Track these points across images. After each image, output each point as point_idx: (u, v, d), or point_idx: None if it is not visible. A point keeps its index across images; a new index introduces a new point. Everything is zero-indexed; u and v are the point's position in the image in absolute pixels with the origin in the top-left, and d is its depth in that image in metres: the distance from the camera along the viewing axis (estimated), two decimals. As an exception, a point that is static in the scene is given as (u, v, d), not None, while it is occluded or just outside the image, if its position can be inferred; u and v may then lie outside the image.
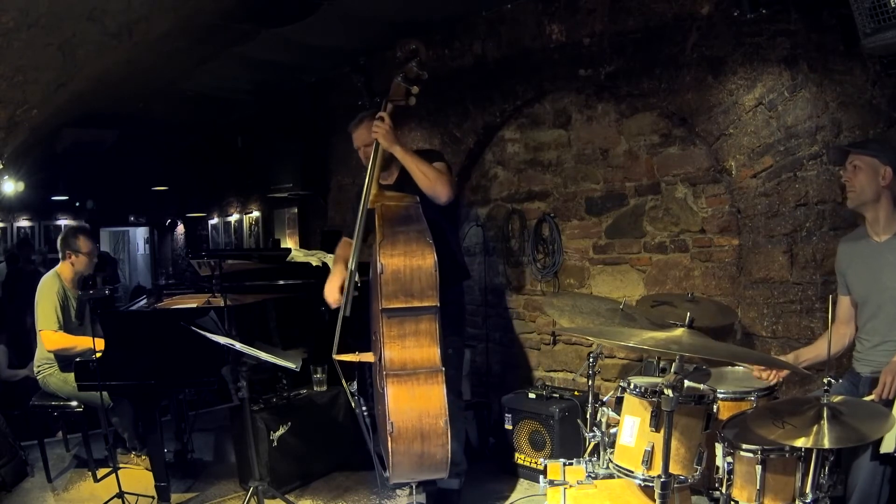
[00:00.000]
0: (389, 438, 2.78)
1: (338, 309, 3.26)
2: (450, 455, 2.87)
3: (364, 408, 3.12)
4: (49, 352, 3.92)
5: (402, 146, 3.25)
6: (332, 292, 3.29)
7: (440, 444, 2.85)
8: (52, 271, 4.08)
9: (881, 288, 2.63)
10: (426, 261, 2.91)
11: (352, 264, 3.20)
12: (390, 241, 2.92)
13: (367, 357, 3.09)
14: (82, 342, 3.87)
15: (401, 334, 2.92)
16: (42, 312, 3.91)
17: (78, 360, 3.68)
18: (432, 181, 3.22)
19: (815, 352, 2.82)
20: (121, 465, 3.99)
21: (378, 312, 2.93)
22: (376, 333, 3.00)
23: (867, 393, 2.56)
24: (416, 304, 2.92)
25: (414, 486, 3.26)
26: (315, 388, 4.21)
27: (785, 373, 2.84)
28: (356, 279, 3.21)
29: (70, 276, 4.08)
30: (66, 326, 3.95)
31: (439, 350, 2.92)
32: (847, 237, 2.89)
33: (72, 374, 3.69)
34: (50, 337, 3.87)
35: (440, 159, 3.42)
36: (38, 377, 4.01)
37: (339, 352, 3.14)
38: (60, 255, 4.12)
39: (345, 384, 3.19)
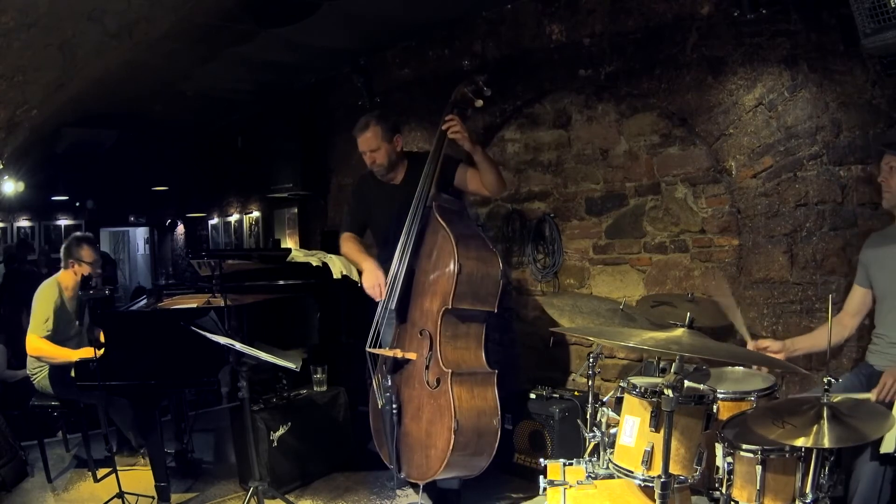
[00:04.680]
0: (452, 436, 2.83)
1: (336, 307, 3.27)
2: (494, 454, 2.93)
3: (395, 405, 3.12)
4: (29, 356, 3.92)
5: (479, 144, 3.37)
6: (374, 287, 3.29)
7: (491, 442, 2.95)
8: (52, 278, 4.06)
9: None
10: (494, 268, 3.05)
11: (402, 257, 3.20)
12: (464, 243, 3.01)
13: (410, 354, 3.10)
14: (60, 354, 3.87)
15: (454, 334, 3.01)
16: (34, 317, 3.91)
17: (78, 359, 3.69)
18: (501, 178, 3.38)
19: (812, 342, 2.85)
20: (120, 467, 3.99)
21: (433, 310, 2.96)
22: (424, 331, 3.03)
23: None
24: (479, 307, 3.04)
25: (421, 486, 3.27)
26: (315, 388, 4.21)
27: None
28: (354, 275, 3.25)
29: (71, 284, 4.05)
30: (58, 335, 3.94)
31: (484, 353, 3.00)
32: (879, 231, 2.91)
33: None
34: (33, 342, 3.87)
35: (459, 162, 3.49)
36: (32, 379, 4.01)
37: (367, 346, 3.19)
38: (63, 264, 4.09)
39: (377, 379, 3.21)
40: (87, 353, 3.67)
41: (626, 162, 4.19)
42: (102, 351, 3.39)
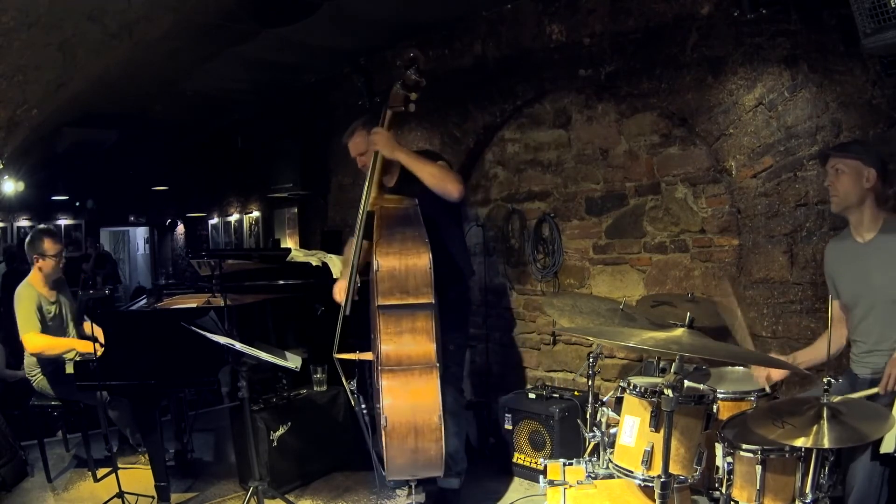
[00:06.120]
0: (384, 433, 2.80)
1: (336, 307, 3.27)
2: (444, 452, 2.88)
3: (364, 406, 3.14)
4: (32, 355, 3.90)
5: (404, 151, 3.29)
6: (340, 292, 3.32)
7: (434, 439, 2.86)
8: (24, 281, 3.98)
9: (870, 288, 2.60)
10: (421, 259, 2.95)
11: (352, 264, 3.22)
12: (387, 240, 2.97)
13: (367, 356, 3.10)
14: (64, 344, 3.85)
15: (398, 331, 2.95)
16: (21, 318, 3.86)
17: (78, 359, 3.69)
18: (441, 179, 3.26)
19: (813, 354, 2.80)
20: (121, 466, 3.99)
21: (374, 311, 2.95)
22: (374, 331, 3.02)
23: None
24: (412, 300, 2.96)
25: (413, 486, 3.27)
26: (315, 388, 4.21)
27: (781, 374, 2.82)
28: (357, 280, 3.23)
29: (41, 282, 3.98)
30: (45, 331, 3.91)
31: (435, 347, 2.95)
32: (833, 240, 2.87)
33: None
34: (32, 340, 3.84)
35: (439, 159, 3.43)
36: (32, 382, 4.01)
37: (340, 351, 3.16)
38: (28, 260, 4.00)
39: (345, 382, 3.21)
40: (88, 345, 3.66)
41: (626, 162, 4.19)
42: (102, 347, 3.39)
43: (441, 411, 2.87)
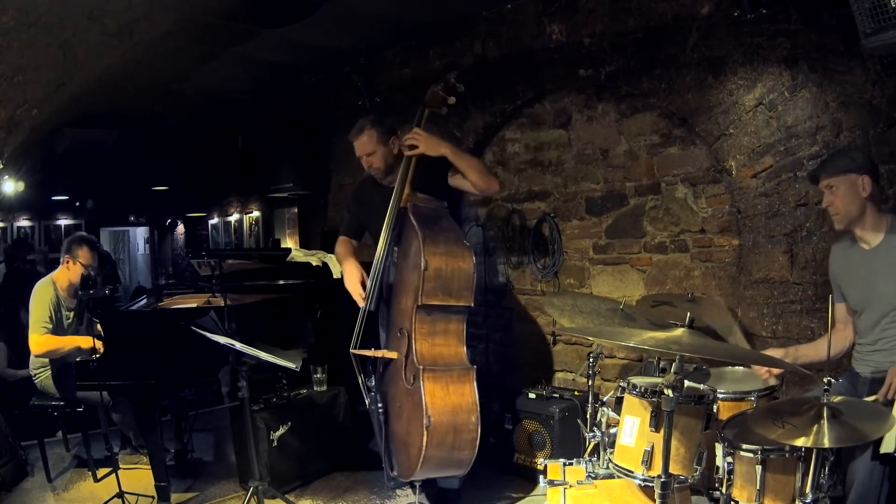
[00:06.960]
0: (425, 433, 2.81)
1: (336, 307, 3.28)
2: (476, 452, 2.91)
3: (380, 405, 3.13)
4: (36, 356, 3.91)
5: (449, 147, 3.31)
6: (355, 287, 3.32)
7: (470, 439, 2.92)
8: (48, 276, 4.04)
9: (878, 295, 2.59)
10: (466, 262, 3.02)
11: (379, 259, 3.23)
12: (432, 239, 3.00)
13: (391, 354, 3.10)
14: (68, 342, 3.85)
15: (431, 331, 2.99)
16: (33, 317, 3.89)
17: (78, 359, 3.69)
18: (485, 174, 3.33)
19: (815, 351, 2.80)
20: (121, 466, 3.99)
21: (408, 308, 2.97)
22: (403, 329, 3.03)
23: (866, 393, 2.55)
24: (453, 302, 3.01)
25: (418, 486, 3.27)
26: (315, 388, 4.22)
27: (779, 371, 2.83)
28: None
29: (65, 283, 4.03)
30: (57, 332, 3.92)
31: (465, 349, 2.98)
32: (837, 245, 2.86)
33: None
34: (36, 341, 3.85)
35: None
36: (35, 380, 4.01)
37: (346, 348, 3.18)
38: (61, 257, 4.08)
39: (362, 379, 3.22)
40: (90, 340, 3.66)
41: (626, 162, 4.19)
42: (105, 343, 3.39)
43: (479, 412, 2.91)
